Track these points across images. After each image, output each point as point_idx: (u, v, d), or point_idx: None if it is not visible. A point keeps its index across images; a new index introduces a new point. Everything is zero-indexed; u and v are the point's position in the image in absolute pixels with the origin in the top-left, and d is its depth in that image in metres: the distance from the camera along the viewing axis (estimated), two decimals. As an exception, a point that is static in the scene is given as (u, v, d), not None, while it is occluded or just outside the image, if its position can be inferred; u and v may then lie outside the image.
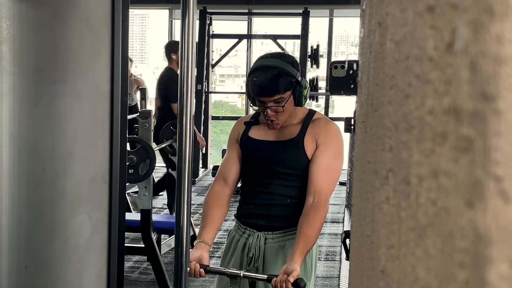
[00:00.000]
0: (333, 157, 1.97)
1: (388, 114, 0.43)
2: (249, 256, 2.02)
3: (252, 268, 2.02)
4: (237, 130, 2.13)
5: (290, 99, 1.95)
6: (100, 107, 1.86)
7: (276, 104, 1.93)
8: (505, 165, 0.30)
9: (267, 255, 2.01)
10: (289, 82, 1.92)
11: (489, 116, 0.30)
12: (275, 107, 1.93)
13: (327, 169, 1.95)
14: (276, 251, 2.01)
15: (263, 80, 1.91)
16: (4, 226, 1.51)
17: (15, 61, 1.48)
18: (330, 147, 1.96)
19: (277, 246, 2.01)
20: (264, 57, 2.00)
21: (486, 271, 0.30)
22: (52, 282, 1.72)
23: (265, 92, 1.91)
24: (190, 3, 1.65)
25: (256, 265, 2.02)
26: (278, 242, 2.01)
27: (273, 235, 2.01)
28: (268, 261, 2.01)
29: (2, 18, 1.43)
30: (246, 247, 2.03)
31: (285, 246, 2.00)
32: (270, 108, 1.93)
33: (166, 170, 5.48)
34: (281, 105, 1.93)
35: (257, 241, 2.02)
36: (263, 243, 2.01)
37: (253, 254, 2.02)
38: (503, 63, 0.30)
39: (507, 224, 0.30)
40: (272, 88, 1.90)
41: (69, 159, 1.72)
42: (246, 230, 2.05)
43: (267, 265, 2.01)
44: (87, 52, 1.78)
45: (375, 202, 0.46)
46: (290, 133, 2.02)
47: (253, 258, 2.02)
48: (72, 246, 1.77)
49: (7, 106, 1.47)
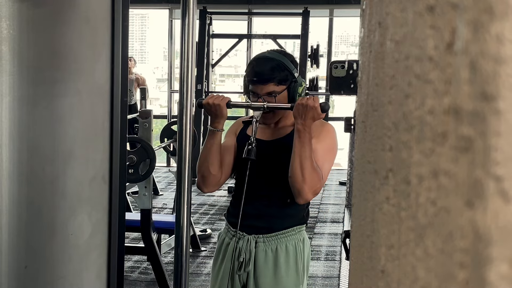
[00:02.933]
0: (326, 150, 1.94)
1: (388, 114, 0.43)
2: (239, 260, 1.97)
3: (243, 273, 1.98)
4: (235, 127, 2.14)
5: (284, 95, 1.96)
6: (100, 107, 1.86)
7: (269, 97, 1.94)
8: (505, 165, 0.30)
9: (258, 259, 1.96)
10: (285, 76, 1.94)
11: (489, 116, 0.30)
12: (268, 98, 1.94)
13: (321, 156, 1.91)
14: (267, 255, 1.96)
15: (260, 67, 1.95)
16: (4, 226, 1.51)
17: (15, 61, 1.48)
18: (322, 142, 1.94)
19: (269, 250, 1.96)
20: (266, 51, 2.05)
21: (486, 271, 0.30)
22: (52, 282, 1.72)
23: (259, 79, 1.93)
24: (190, 3, 1.65)
25: (247, 270, 1.97)
26: (269, 246, 1.96)
27: (264, 238, 1.97)
28: (259, 265, 1.96)
29: (2, 18, 1.43)
30: (237, 251, 1.98)
31: (277, 250, 1.96)
32: (263, 99, 1.94)
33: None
34: (274, 98, 1.94)
35: (247, 245, 1.97)
36: (253, 246, 1.96)
37: (243, 259, 1.97)
38: (503, 63, 0.30)
39: (507, 224, 0.30)
40: (267, 76, 1.93)
41: (69, 159, 1.72)
42: (236, 233, 1.99)
43: (258, 269, 1.96)
44: (87, 52, 1.78)
45: (375, 202, 0.46)
46: (285, 131, 2.01)
47: (244, 263, 1.97)
48: (72, 246, 1.77)
49: (7, 106, 1.47)
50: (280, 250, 1.96)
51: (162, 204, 6.44)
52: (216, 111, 1.95)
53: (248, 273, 1.98)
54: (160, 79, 20.68)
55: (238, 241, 1.99)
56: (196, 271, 4.32)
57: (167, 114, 9.12)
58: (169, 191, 7.10)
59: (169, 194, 6.92)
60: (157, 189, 6.86)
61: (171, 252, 4.54)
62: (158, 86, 19.95)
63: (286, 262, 1.96)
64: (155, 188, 6.67)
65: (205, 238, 5.09)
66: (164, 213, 5.93)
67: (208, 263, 4.49)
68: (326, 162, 1.93)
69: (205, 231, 5.21)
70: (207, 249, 4.82)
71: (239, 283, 2.00)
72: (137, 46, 24.80)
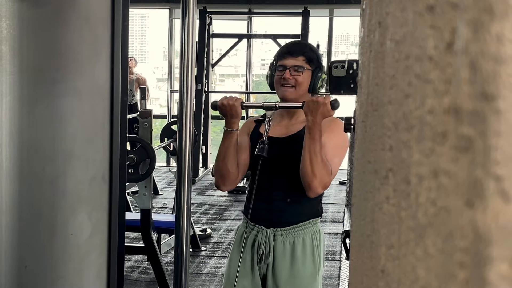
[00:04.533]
0: (335, 145, 2.02)
1: (388, 114, 0.43)
2: (259, 253, 2.06)
3: (263, 265, 2.07)
4: (247, 126, 2.19)
5: (308, 76, 2.06)
6: (100, 107, 1.86)
7: (295, 71, 2.04)
8: (505, 165, 0.30)
9: (277, 251, 2.05)
10: (314, 57, 2.08)
11: (489, 116, 0.30)
12: (294, 72, 2.04)
13: (330, 151, 1.99)
14: (285, 247, 2.05)
15: (294, 45, 2.16)
16: (4, 226, 1.51)
17: (15, 61, 1.48)
18: (333, 138, 2.01)
19: (286, 242, 2.05)
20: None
21: (486, 271, 0.30)
22: (52, 282, 1.72)
23: (291, 51, 2.07)
24: (190, 3, 1.65)
25: (267, 262, 2.06)
26: (287, 239, 2.05)
27: (282, 231, 2.05)
28: (278, 258, 2.04)
29: (2, 18, 1.42)
30: (256, 244, 2.07)
31: (294, 242, 2.05)
32: (290, 70, 2.04)
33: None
34: (300, 73, 2.04)
35: (266, 238, 2.05)
36: (272, 240, 2.05)
37: (263, 251, 2.05)
38: (503, 62, 0.30)
39: (507, 224, 0.30)
40: (299, 49, 2.08)
41: (69, 159, 1.72)
42: (254, 227, 2.08)
43: (277, 261, 2.05)
44: (87, 51, 1.78)
45: (375, 202, 0.46)
46: (297, 128, 2.09)
47: (263, 255, 2.05)
48: (72, 246, 1.77)
49: (7, 106, 1.47)
50: (298, 242, 2.05)
51: (162, 204, 6.44)
52: (232, 111, 2.01)
53: (268, 265, 2.06)
54: (160, 79, 20.68)
55: (257, 235, 2.07)
56: (196, 271, 4.32)
57: (167, 114, 9.12)
58: (169, 191, 7.10)
59: (169, 194, 6.92)
60: (157, 188, 6.87)
61: (171, 252, 4.54)
62: (158, 86, 19.94)
63: (303, 253, 2.05)
64: (155, 187, 6.67)
65: (205, 238, 5.09)
66: (164, 213, 5.92)
67: (208, 263, 4.50)
68: (335, 157, 2.01)
69: (205, 231, 5.21)
70: (207, 249, 4.82)
71: (259, 275, 2.08)
72: (137, 46, 24.80)
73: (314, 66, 2.07)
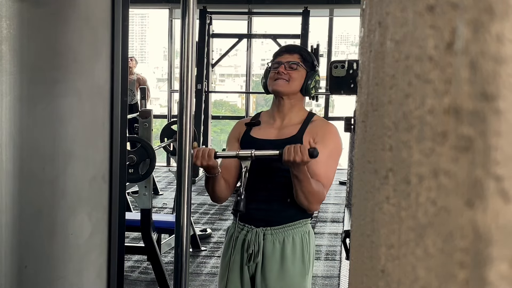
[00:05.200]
0: (328, 155, 2.02)
1: (388, 114, 0.43)
2: (248, 252, 2.06)
3: (252, 264, 2.06)
4: (238, 130, 2.19)
5: (301, 76, 2.09)
6: (100, 107, 1.86)
7: (290, 67, 2.08)
8: (505, 165, 0.30)
9: (266, 251, 2.05)
10: (309, 58, 2.13)
11: (489, 116, 0.30)
12: (288, 68, 2.08)
13: (324, 164, 2.00)
14: (275, 247, 2.05)
15: (290, 44, 2.30)
16: (4, 226, 1.51)
17: (15, 61, 1.48)
18: (326, 146, 2.02)
19: (276, 242, 2.05)
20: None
21: (486, 271, 0.30)
22: (52, 282, 1.72)
23: (288, 49, 2.16)
24: (190, 3, 1.65)
25: (256, 261, 2.05)
26: (277, 238, 2.05)
27: (272, 230, 2.05)
28: (267, 257, 2.04)
29: (2, 18, 1.42)
30: (246, 244, 2.07)
31: (284, 242, 2.05)
32: (285, 65, 2.08)
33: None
34: (294, 70, 2.08)
35: (255, 237, 2.05)
36: (261, 239, 2.05)
37: (252, 251, 2.05)
38: (503, 62, 0.30)
39: (507, 224, 0.30)
40: (296, 48, 2.17)
41: (69, 159, 1.72)
42: (244, 227, 2.08)
43: (266, 261, 2.04)
44: (87, 51, 1.78)
45: (375, 202, 0.46)
46: (290, 132, 2.08)
47: (253, 254, 2.05)
48: (72, 246, 1.77)
49: (7, 106, 1.47)
50: (287, 241, 2.05)
51: (162, 203, 6.44)
52: (208, 167, 2.00)
53: (257, 264, 2.06)
54: (160, 79, 20.67)
55: (246, 234, 2.08)
56: (196, 271, 4.32)
57: (167, 114, 9.12)
58: (169, 190, 7.10)
59: (169, 193, 6.92)
60: (157, 188, 6.87)
61: (171, 252, 4.54)
62: (158, 86, 19.94)
63: (293, 253, 2.05)
64: (155, 187, 6.67)
65: (205, 237, 5.09)
66: (164, 213, 5.92)
67: (208, 263, 4.50)
68: (329, 168, 2.03)
69: (205, 231, 5.21)
70: (207, 249, 4.82)
71: (248, 274, 2.08)
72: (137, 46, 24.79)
73: (309, 67, 2.11)
